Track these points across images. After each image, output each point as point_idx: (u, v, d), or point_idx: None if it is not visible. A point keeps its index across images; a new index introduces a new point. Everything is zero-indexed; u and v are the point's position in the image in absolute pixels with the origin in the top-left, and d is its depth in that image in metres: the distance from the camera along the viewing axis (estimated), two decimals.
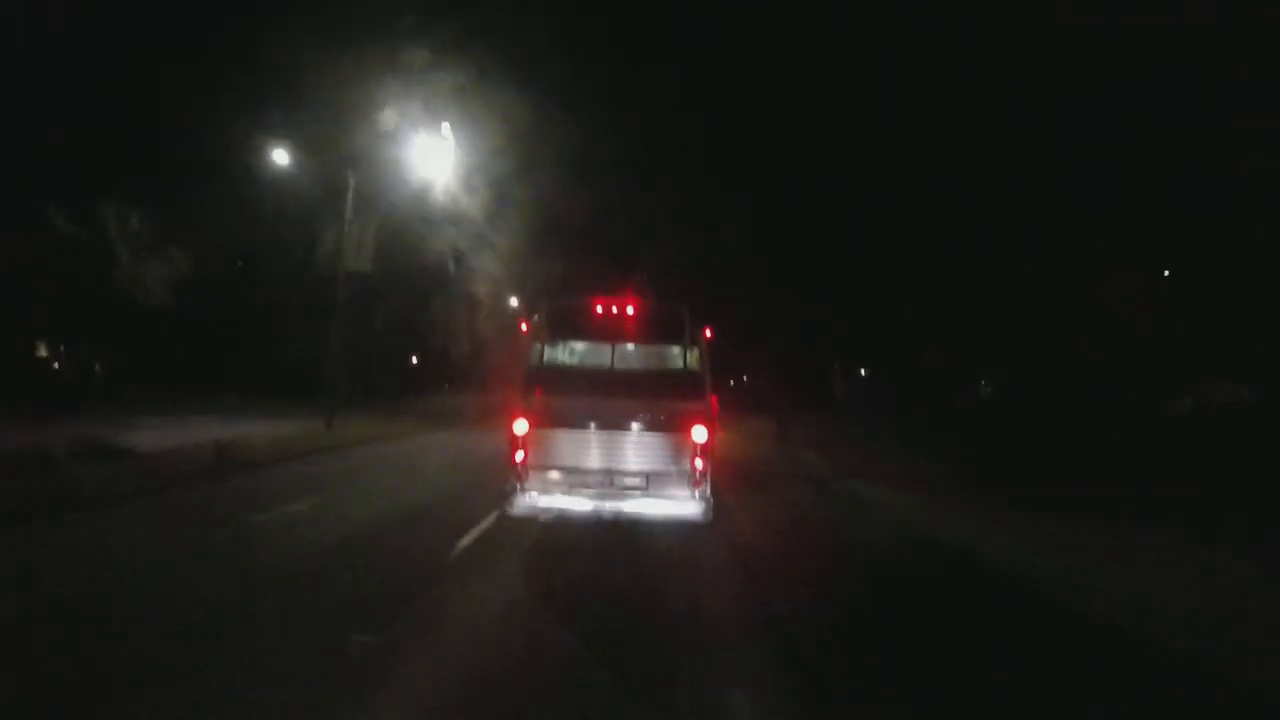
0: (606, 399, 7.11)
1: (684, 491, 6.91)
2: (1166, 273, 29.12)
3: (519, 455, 6.99)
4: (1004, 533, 8.79)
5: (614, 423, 7.03)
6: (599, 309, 7.50)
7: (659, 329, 7.53)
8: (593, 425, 7.02)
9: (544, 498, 7.03)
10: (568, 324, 7.64)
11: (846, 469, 14.35)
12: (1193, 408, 25.09)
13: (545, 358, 7.51)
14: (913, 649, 4.93)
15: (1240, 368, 25.52)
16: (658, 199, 31.76)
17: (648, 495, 6.96)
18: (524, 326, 7.89)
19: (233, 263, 29.35)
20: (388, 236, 32.51)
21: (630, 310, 7.47)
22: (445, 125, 18.92)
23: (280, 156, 20.04)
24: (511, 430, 7.03)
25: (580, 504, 6.98)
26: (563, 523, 7.45)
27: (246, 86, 22.94)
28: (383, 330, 39.39)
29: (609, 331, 7.44)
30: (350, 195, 18.71)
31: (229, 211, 23.86)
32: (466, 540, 7.55)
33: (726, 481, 11.77)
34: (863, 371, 47.03)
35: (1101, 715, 4.04)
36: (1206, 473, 12.52)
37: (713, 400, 7.92)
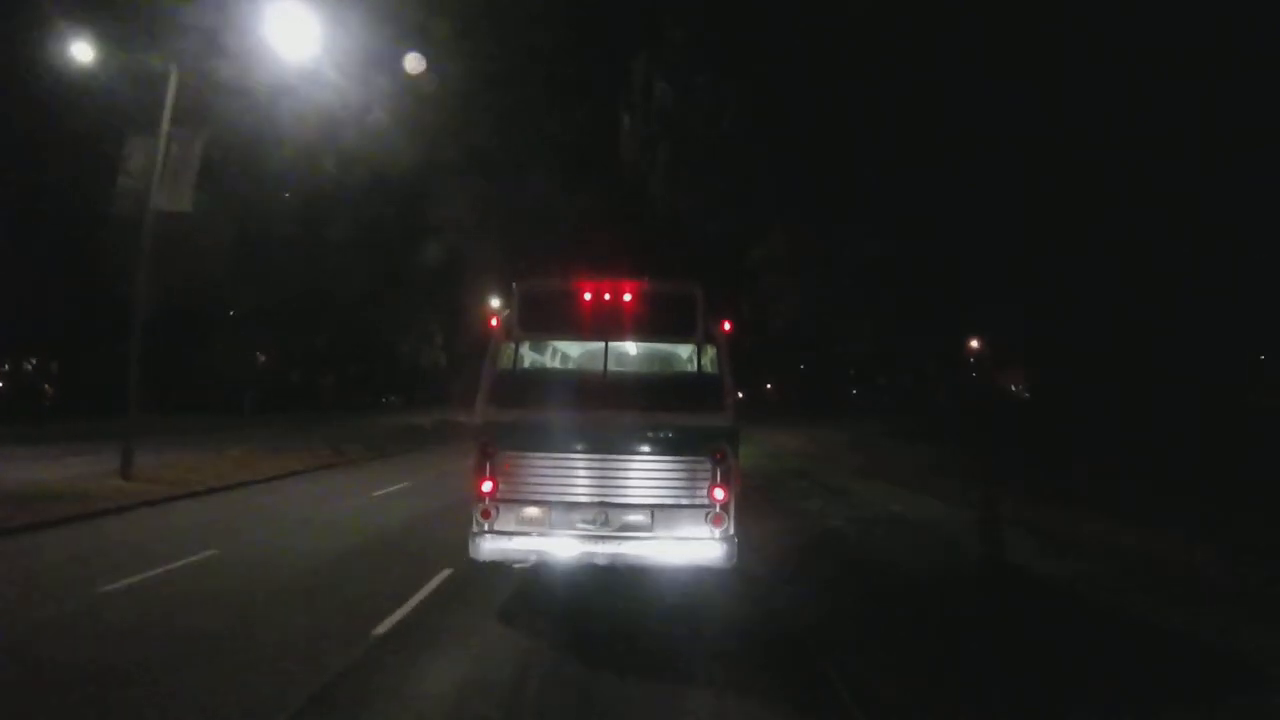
0: (599, 411, 5.91)
1: (700, 530, 5.69)
2: None
3: (485, 485, 5.81)
4: None
5: (608, 443, 5.83)
6: (587, 295, 6.17)
7: (665, 319, 6.24)
8: (580, 446, 5.85)
9: (517, 540, 5.79)
10: (546, 314, 6.30)
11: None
12: None
13: (519, 359, 6.33)
14: None
15: None
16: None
17: (654, 536, 5.74)
18: (494, 322, 6.47)
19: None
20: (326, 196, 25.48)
21: (627, 296, 6.12)
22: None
23: (84, 52, 13.06)
24: (476, 454, 5.84)
25: (565, 547, 5.76)
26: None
27: None
28: (324, 330, 32.37)
29: (600, 323, 6.17)
30: (170, 96, 11.61)
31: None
32: None
33: None
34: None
35: None
36: None
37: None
